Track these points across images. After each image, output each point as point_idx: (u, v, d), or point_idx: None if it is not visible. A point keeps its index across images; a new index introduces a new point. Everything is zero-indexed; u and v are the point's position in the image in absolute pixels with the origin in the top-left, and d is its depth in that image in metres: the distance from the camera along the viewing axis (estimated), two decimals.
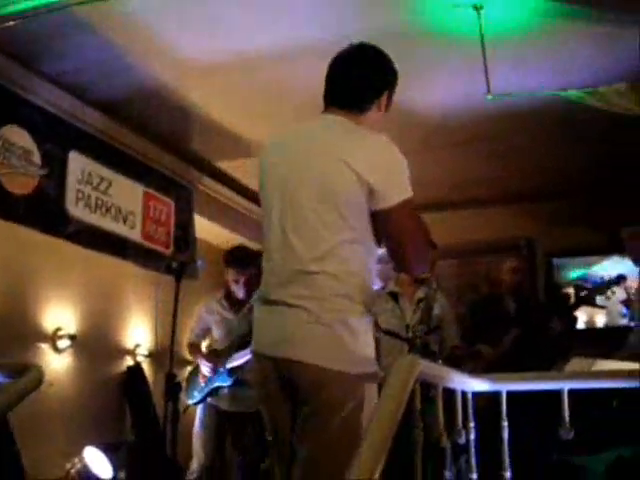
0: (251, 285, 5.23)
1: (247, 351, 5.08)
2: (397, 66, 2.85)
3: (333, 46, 4.83)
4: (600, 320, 7.82)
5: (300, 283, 2.56)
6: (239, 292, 5.28)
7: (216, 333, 5.39)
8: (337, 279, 2.54)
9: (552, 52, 4.95)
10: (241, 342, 5.15)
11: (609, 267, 7.73)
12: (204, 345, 5.58)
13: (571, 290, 8.01)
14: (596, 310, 7.59)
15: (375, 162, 2.56)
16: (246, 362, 5.08)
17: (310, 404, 2.53)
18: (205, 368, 5.22)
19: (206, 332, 5.49)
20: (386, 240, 2.64)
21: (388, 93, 2.80)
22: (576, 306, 6.12)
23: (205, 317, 5.45)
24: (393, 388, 1.97)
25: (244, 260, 5.25)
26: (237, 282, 5.26)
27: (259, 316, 2.78)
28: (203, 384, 5.23)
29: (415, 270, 2.85)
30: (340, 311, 2.52)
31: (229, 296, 5.35)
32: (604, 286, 6.74)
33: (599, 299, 7.12)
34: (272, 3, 4.47)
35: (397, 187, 2.57)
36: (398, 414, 1.88)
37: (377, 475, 1.64)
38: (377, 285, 2.88)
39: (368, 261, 2.64)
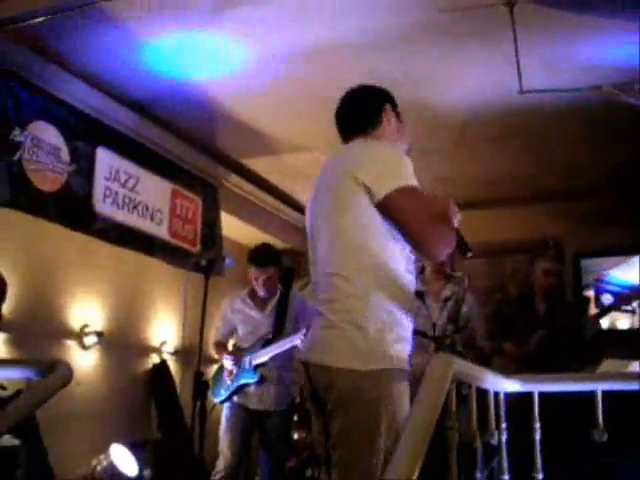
0: (271, 284, 5.23)
1: (272, 347, 5.08)
2: (428, 63, 2.96)
3: (363, 43, 4.86)
4: (623, 323, 7.71)
5: (322, 286, 2.73)
6: (260, 290, 5.26)
7: (241, 331, 5.37)
8: (348, 280, 2.62)
9: (585, 48, 4.89)
10: (267, 339, 5.14)
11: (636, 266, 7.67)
12: (230, 343, 5.56)
13: (591, 293, 7.96)
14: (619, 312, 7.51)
15: (366, 161, 2.69)
16: (271, 358, 5.08)
17: (328, 405, 2.61)
18: (228, 363, 5.20)
19: (232, 331, 5.46)
20: (398, 231, 2.66)
21: (390, 106, 3.00)
22: (603, 314, 6.03)
23: (229, 316, 5.43)
24: (429, 388, 1.93)
25: (264, 259, 5.23)
26: (257, 280, 5.24)
27: None
28: (229, 382, 5.21)
29: (434, 253, 2.74)
30: (349, 311, 2.59)
31: (254, 294, 5.33)
32: (634, 294, 6.67)
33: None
34: (302, 3, 4.44)
35: (388, 177, 2.62)
36: (435, 414, 1.84)
37: (415, 475, 1.60)
38: (413, 284, 2.79)
39: (387, 259, 2.66)
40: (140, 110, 5.96)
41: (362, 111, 2.97)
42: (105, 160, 5.69)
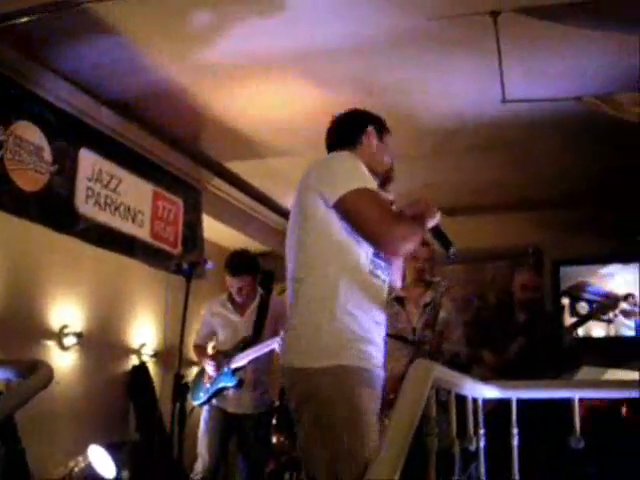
0: (248, 291, 5.26)
1: (250, 351, 5.09)
2: (414, 70, 3.02)
3: (349, 49, 4.88)
4: (598, 331, 7.77)
5: (289, 291, 2.82)
6: (236, 297, 5.28)
7: (221, 335, 5.38)
8: (310, 285, 2.71)
9: (568, 59, 4.94)
10: (245, 343, 5.16)
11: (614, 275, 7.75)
12: (210, 346, 5.56)
13: (566, 301, 8.01)
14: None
15: (320, 170, 2.80)
16: (249, 362, 5.09)
17: (293, 405, 2.69)
18: (209, 367, 5.21)
19: (211, 334, 5.47)
20: (356, 233, 2.73)
21: (374, 129, 3.06)
22: (580, 323, 6.07)
23: (209, 319, 5.44)
24: (409, 393, 1.94)
25: (238, 267, 5.24)
26: (232, 287, 5.26)
27: None
28: (208, 385, 5.22)
29: (391, 249, 2.79)
30: (309, 314, 2.67)
31: (233, 298, 5.34)
32: (611, 304, 6.73)
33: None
34: (288, 6, 4.46)
35: (340, 181, 2.70)
36: (415, 419, 1.86)
37: (397, 477, 1.62)
38: (381, 287, 2.82)
39: (348, 263, 2.72)
40: (124, 111, 5.95)
41: (343, 131, 3.07)
42: (88, 160, 5.68)
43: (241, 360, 5.12)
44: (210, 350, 5.50)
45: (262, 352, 5.07)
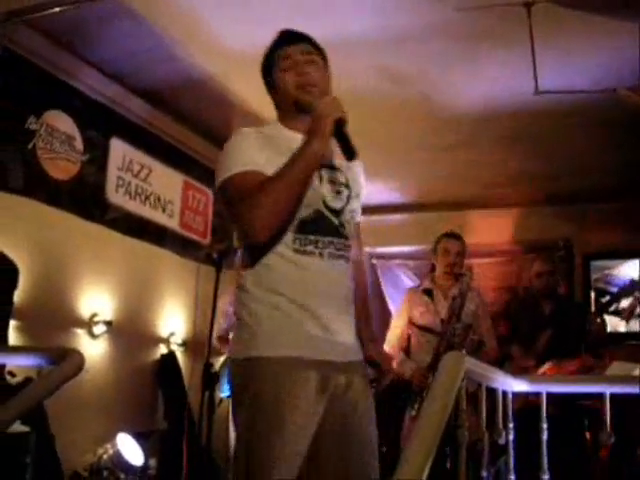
0: None
1: None
2: (443, 61, 2.83)
3: (378, 39, 4.86)
4: (629, 326, 7.71)
5: None
6: None
7: None
8: (240, 275, 2.55)
9: (602, 50, 4.88)
10: None
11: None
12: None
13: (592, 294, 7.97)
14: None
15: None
16: None
17: None
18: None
19: (233, 325, 5.45)
20: None
21: (275, 62, 2.68)
22: (600, 312, 6.05)
23: (229, 310, 5.42)
24: (441, 386, 1.93)
25: None
26: None
27: None
28: None
29: (251, 234, 2.36)
30: (237, 304, 2.53)
31: None
32: (629, 290, 6.68)
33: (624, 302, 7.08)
34: None
35: (217, 172, 2.50)
36: (447, 412, 1.85)
37: (425, 476, 1.61)
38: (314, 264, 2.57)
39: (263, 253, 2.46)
40: (155, 100, 5.97)
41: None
42: (118, 150, 5.72)
43: None
44: None
45: None
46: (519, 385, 2.98)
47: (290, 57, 2.63)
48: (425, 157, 6.82)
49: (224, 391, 5.29)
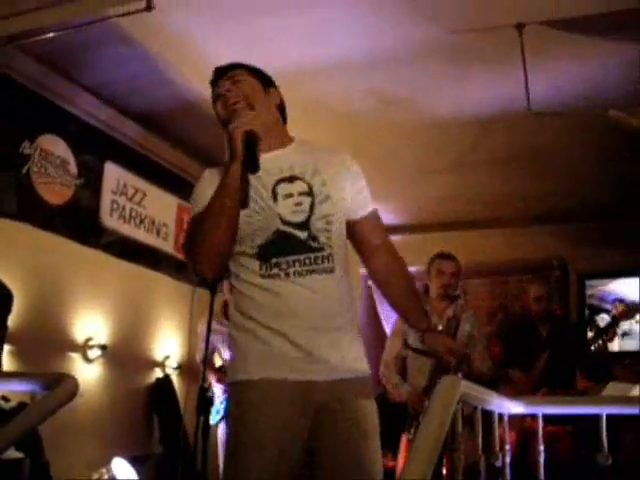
0: None
1: None
2: (436, 82, 2.81)
3: (371, 61, 4.89)
4: (629, 344, 7.69)
5: None
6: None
7: (223, 352, 5.31)
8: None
9: (594, 70, 4.92)
10: None
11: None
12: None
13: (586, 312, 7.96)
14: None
15: None
16: None
17: None
18: (218, 390, 5.18)
19: (214, 350, 5.41)
20: None
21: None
22: (600, 335, 6.03)
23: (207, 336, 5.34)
24: (436, 410, 1.93)
25: None
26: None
27: None
28: (219, 404, 5.18)
29: (196, 271, 2.41)
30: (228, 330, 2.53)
31: (226, 312, 5.26)
32: (632, 310, 6.66)
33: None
34: (311, 18, 4.47)
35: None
36: (442, 436, 1.85)
37: None
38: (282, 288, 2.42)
39: (237, 271, 2.46)
40: (149, 124, 5.98)
41: None
42: (113, 174, 5.72)
43: None
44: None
45: None
46: (515, 407, 2.98)
47: (218, 87, 2.66)
48: (418, 178, 6.84)
49: (214, 418, 5.27)
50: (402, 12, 4.39)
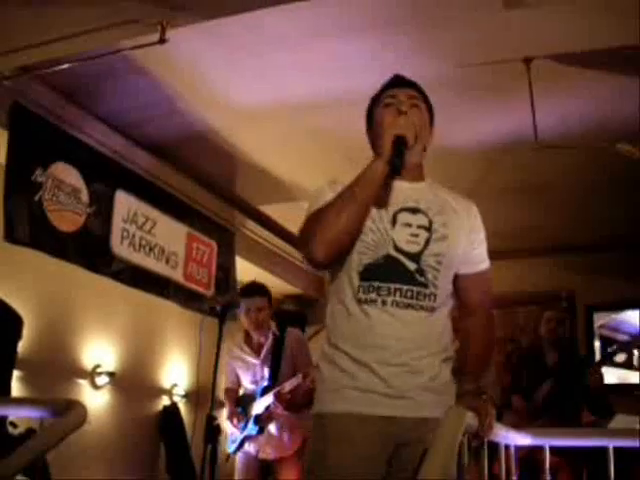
0: (262, 318, 5.12)
1: (268, 396, 5.02)
2: (443, 115, 2.84)
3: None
4: (635, 375, 7.64)
5: None
6: (251, 326, 5.12)
7: (243, 378, 5.31)
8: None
9: (601, 104, 4.95)
10: (265, 387, 5.07)
11: None
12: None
13: (597, 343, 7.92)
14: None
15: None
16: (266, 408, 5.03)
17: None
18: (230, 425, 5.17)
19: (237, 377, 5.39)
20: None
21: (375, 111, 2.70)
22: (604, 362, 6.02)
23: (232, 363, 5.36)
24: (442, 440, 1.94)
25: (251, 289, 5.22)
26: (248, 315, 5.13)
27: None
28: (237, 433, 5.17)
29: (306, 252, 2.38)
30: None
31: (248, 339, 5.26)
32: (635, 343, 6.64)
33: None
34: (321, 51, 4.53)
35: None
36: (449, 467, 1.86)
37: None
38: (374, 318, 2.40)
39: (332, 295, 2.48)
40: (160, 153, 6.03)
41: None
42: (124, 202, 5.75)
43: (258, 406, 5.05)
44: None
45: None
46: (522, 439, 2.98)
47: (395, 97, 2.63)
48: None
49: (229, 447, 5.25)
50: (412, 46, 4.44)
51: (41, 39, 4.05)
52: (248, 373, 5.23)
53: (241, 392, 5.35)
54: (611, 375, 7.08)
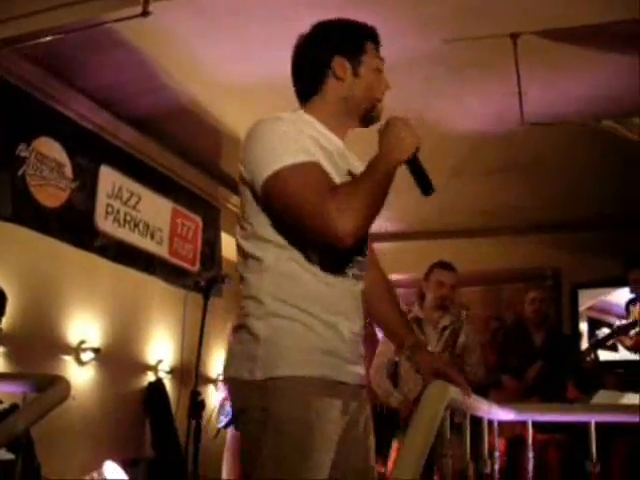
0: None
1: None
2: (429, 91, 2.79)
3: None
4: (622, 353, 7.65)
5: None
6: None
7: None
8: (245, 281, 2.29)
9: (587, 81, 4.94)
10: None
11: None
12: None
13: (584, 325, 7.93)
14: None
15: (245, 148, 2.30)
16: None
17: None
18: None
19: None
20: (290, 222, 2.19)
21: (342, 59, 2.39)
22: (598, 345, 6.05)
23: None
24: (424, 414, 1.94)
25: None
26: None
27: None
28: (228, 408, 5.19)
29: (335, 231, 2.07)
30: (244, 315, 2.24)
31: None
32: (627, 328, 6.65)
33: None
34: (307, 24, 4.49)
35: (264, 163, 2.18)
36: (429, 442, 1.86)
37: None
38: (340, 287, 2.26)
39: (297, 263, 2.22)
40: (144, 128, 6.00)
41: (298, 73, 2.50)
42: (108, 177, 5.73)
43: None
44: None
45: None
46: (505, 414, 2.99)
47: (383, 61, 2.49)
48: (413, 187, 6.85)
49: (221, 421, 5.26)
50: (398, 21, 4.40)
51: (20, 11, 4.01)
52: None
53: None
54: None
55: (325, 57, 2.40)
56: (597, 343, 5.90)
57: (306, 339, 2.17)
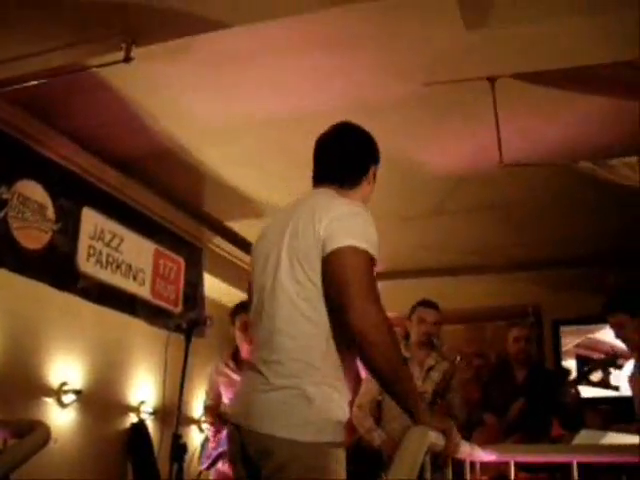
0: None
1: None
2: (409, 133, 2.95)
3: (346, 111, 4.95)
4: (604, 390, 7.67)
5: (268, 345, 2.49)
6: (246, 344, 5.12)
7: (225, 396, 5.30)
8: (296, 341, 2.43)
9: (564, 123, 5.02)
10: None
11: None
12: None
13: (572, 362, 7.96)
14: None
15: (331, 215, 2.47)
16: None
17: (263, 471, 2.43)
18: (209, 432, 5.17)
19: (220, 394, 5.37)
20: (332, 289, 2.41)
21: (374, 168, 2.83)
22: (579, 381, 6.06)
23: (215, 379, 5.37)
24: (404, 459, 1.95)
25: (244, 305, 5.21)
26: (242, 330, 5.11)
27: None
28: (212, 450, 5.16)
29: (358, 321, 2.30)
30: (294, 376, 2.40)
31: (237, 355, 5.28)
32: (610, 361, 6.67)
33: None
34: (288, 68, 4.55)
35: (345, 232, 2.41)
36: None
37: None
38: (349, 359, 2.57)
39: (334, 325, 2.44)
40: (127, 170, 6.02)
41: (350, 166, 2.77)
42: (90, 219, 5.73)
43: None
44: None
45: None
46: (487, 455, 3.00)
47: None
48: (395, 225, 6.89)
49: (202, 463, 5.23)
50: (377, 64, 4.48)
51: (4, 56, 4.04)
52: (230, 390, 5.22)
53: (221, 409, 5.33)
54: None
55: (369, 163, 2.82)
56: (579, 378, 5.92)
57: (341, 409, 2.46)
